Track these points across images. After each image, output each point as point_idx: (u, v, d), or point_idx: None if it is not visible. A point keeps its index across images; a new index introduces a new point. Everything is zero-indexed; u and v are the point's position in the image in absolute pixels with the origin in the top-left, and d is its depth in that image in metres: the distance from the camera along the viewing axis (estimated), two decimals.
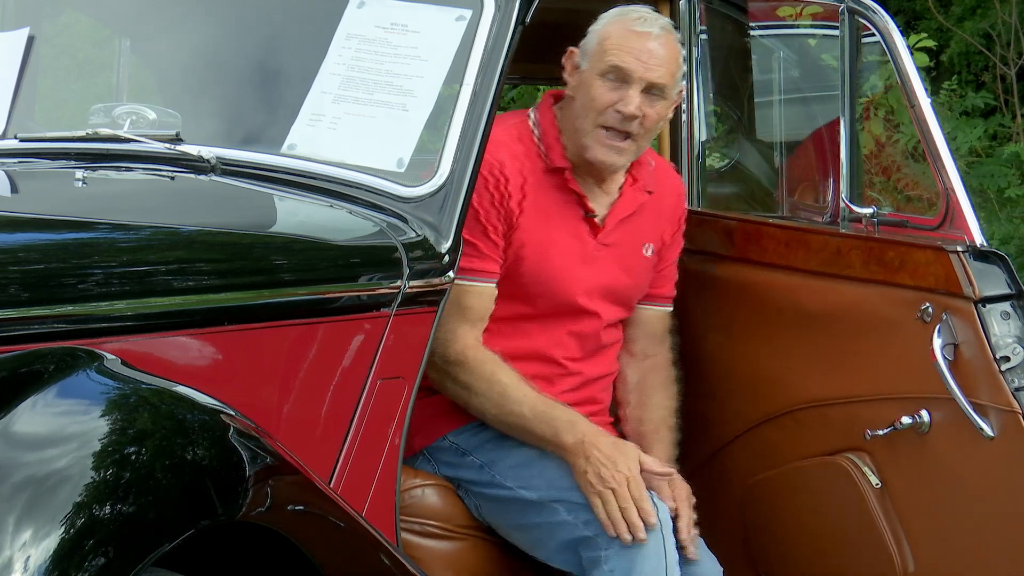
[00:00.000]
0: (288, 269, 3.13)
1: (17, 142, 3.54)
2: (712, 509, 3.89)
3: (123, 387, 2.40)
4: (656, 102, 3.56)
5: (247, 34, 3.73)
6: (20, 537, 2.13)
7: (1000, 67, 9.85)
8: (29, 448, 2.22)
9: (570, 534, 3.42)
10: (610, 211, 3.70)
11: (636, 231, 3.74)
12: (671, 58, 3.57)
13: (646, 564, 3.32)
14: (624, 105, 3.52)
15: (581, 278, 3.65)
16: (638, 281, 3.78)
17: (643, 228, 3.75)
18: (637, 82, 3.53)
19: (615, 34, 3.57)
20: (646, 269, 3.78)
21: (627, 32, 3.56)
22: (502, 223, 3.55)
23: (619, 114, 3.53)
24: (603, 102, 3.54)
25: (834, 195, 3.92)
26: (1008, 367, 3.34)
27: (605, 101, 3.54)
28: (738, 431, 3.92)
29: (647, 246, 3.77)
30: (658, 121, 3.61)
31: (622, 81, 3.54)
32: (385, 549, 2.80)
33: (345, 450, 3.13)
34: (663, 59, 3.55)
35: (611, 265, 3.69)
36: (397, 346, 3.20)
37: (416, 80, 3.43)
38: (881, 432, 3.56)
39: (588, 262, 3.67)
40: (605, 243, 3.69)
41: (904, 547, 3.59)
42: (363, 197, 3.35)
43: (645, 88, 3.54)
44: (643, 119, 3.55)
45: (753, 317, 3.87)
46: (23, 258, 2.73)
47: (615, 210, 3.70)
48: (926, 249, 3.49)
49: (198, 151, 3.37)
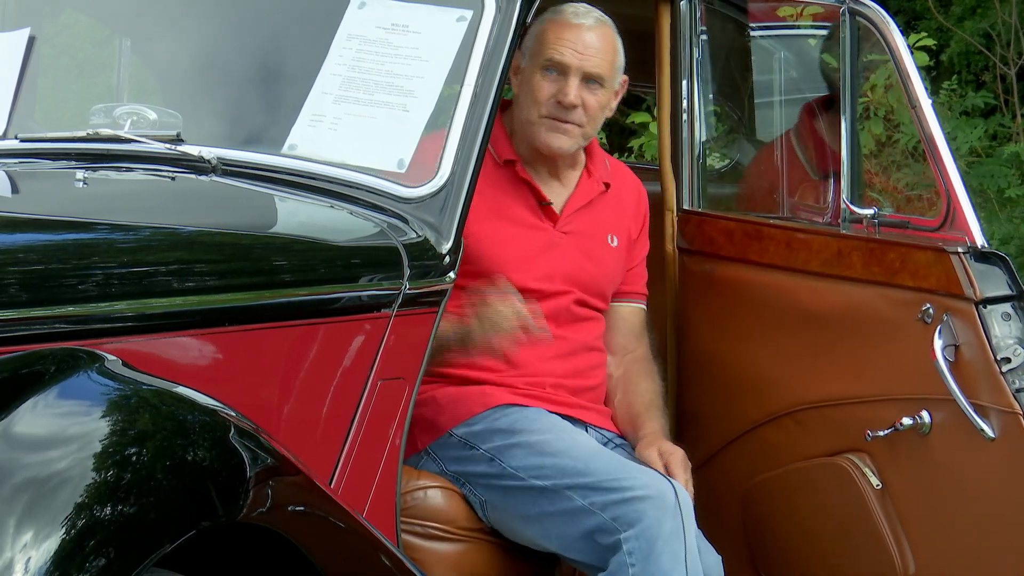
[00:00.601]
0: (289, 270, 3.13)
1: (18, 142, 3.54)
2: (713, 509, 3.89)
3: (124, 388, 2.39)
4: (596, 90, 3.69)
5: (248, 34, 3.73)
6: (21, 538, 2.13)
7: (1000, 67, 9.85)
8: (30, 449, 2.22)
9: (586, 521, 3.42)
10: (568, 200, 3.79)
11: (597, 220, 3.81)
12: (606, 48, 3.71)
13: (667, 546, 3.32)
14: (563, 95, 3.66)
15: (541, 265, 3.69)
16: (605, 270, 3.81)
17: (605, 219, 3.82)
18: (574, 72, 3.67)
19: (551, 29, 3.71)
20: (614, 259, 3.83)
21: (562, 26, 3.70)
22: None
23: (559, 104, 3.67)
24: (544, 94, 3.68)
25: (834, 196, 3.92)
26: (1009, 368, 3.34)
27: (546, 93, 3.68)
28: (739, 432, 3.92)
29: (611, 236, 3.83)
30: (601, 110, 3.73)
31: (561, 73, 3.68)
32: (386, 550, 2.80)
33: (346, 451, 3.12)
34: (598, 49, 3.69)
35: (574, 252, 3.75)
36: (398, 347, 3.20)
37: (417, 81, 3.44)
38: (882, 433, 3.56)
39: (549, 249, 3.71)
40: (566, 231, 3.76)
41: (905, 548, 3.59)
42: (364, 198, 3.35)
43: (583, 78, 3.67)
44: (585, 107, 3.68)
45: (754, 318, 3.87)
46: (24, 258, 2.73)
47: (572, 199, 3.79)
48: (927, 250, 3.49)
49: (199, 151, 3.37)
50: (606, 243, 3.82)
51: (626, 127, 8.94)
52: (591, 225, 3.80)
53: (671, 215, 4.07)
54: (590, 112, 3.69)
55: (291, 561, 2.55)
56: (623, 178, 3.93)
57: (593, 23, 3.71)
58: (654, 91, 4.29)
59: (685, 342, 4.01)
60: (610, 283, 3.84)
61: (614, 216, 3.85)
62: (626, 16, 4.22)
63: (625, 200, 3.89)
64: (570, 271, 3.74)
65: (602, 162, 3.87)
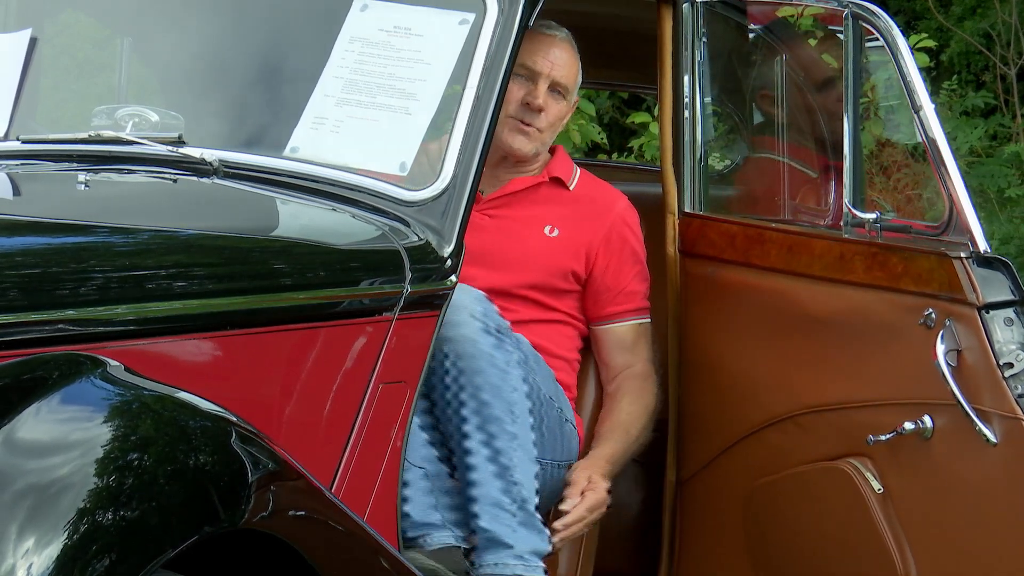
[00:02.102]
0: (290, 273, 3.13)
1: (19, 144, 3.53)
2: (714, 513, 3.89)
3: (126, 394, 2.39)
4: (559, 100, 3.89)
5: (250, 36, 3.72)
6: (23, 544, 2.13)
7: (1000, 67, 9.85)
8: (32, 455, 2.22)
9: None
10: (501, 187, 3.91)
11: (532, 209, 3.90)
12: (572, 63, 3.92)
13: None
14: (532, 97, 3.84)
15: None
16: (535, 255, 3.85)
17: (545, 211, 3.91)
18: (544, 79, 3.86)
19: (525, 38, 3.77)
20: (549, 248, 3.87)
21: (535, 35, 3.84)
22: None
23: (527, 106, 3.84)
24: (514, 97, 3.82)
25: (836, 199, 3.92)
26: (1011, 373, 3.34)
27: (516, 96, 3.83)
28: (740, 435, 3.91)
29: (550, 227, 3.90)
30: (559, 119, 3.93)
31: (530, 79, 3.85)
32: (387, 554, 2.80)
33: (347, 455, 3.12)
34: (565, 62, 3.90)
35: (496, 234, 3.83)
36: (399, 350, 3.20)
37: (419, 83, 3.44)
38: (884, 437, 3.55)
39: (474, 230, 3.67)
40: (490, 214, 3.86)
41: (906, 553, 3.58)
42: (365, 201, 3.35)
43: (550, 85, 3.87)
44: (547, 112, 3.86)
45: (755, 321, 3.87)
46: (25, 261, 2.73)
47: (504, 187, 3.91)
48: (929, 255, 3.48)
49: (200, 154, 3.37)
50: (541, 232, 3.89)
51: (626, 127, 8.93)
52: (523, 211, 3.90)
53: (672, 218, 4.06)
54: (551, 119, 3.88)
55: (293, 565, 2.54)
56: (601, 191, 4.00)
57: (564, 37, 3.92)
58: (654, 92, 4.29)
59: (686, 345, 4.00)
60: (544, 271, 3.87)
61: (563, 215, 3.92)
62: (628, 18, 4.23)
63: (593, 208, 3.95)
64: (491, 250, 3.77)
65: (568, 166, 3.99)
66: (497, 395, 3.44)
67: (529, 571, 3.43)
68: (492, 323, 3.45)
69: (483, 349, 3.42)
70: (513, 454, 3.44)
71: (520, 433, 3.46)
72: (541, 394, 3.63)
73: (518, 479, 3.44)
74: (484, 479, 3.42)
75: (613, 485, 3.82)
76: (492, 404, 3.43)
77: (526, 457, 3.47)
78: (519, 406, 3.47)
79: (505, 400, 3.44)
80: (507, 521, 3.42)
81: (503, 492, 3.43)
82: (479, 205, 3.79)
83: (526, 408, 3.49)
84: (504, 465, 3.43)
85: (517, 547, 3.42)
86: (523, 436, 3.47)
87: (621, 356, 3.94)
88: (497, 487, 3.43)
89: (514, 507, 3.43)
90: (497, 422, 3.43)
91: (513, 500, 3.43)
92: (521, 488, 3.45)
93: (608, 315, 3.94)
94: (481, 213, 3.80)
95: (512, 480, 3.44)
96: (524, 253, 3.86)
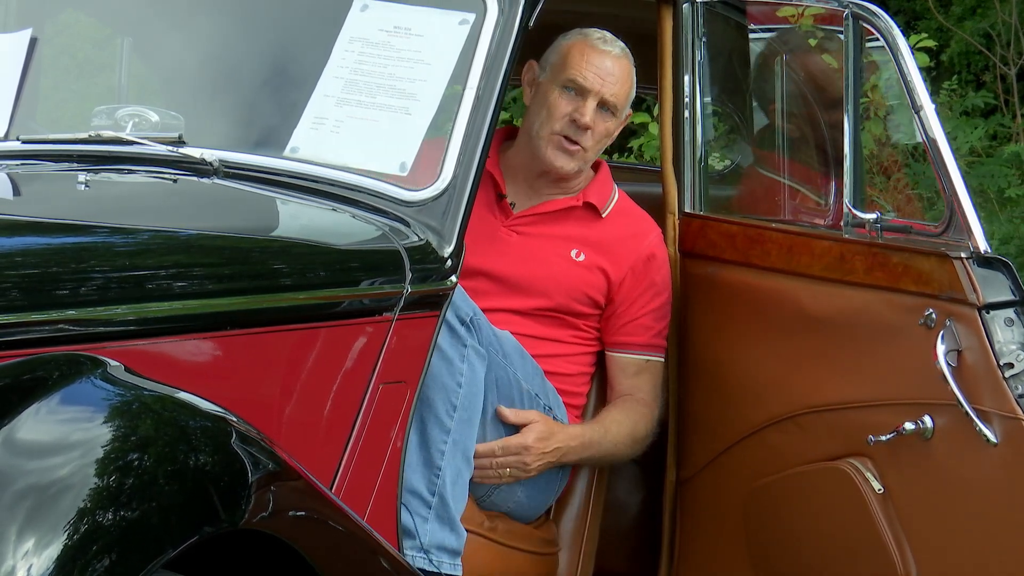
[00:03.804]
0: (290, 273, 3.13)
1: (20, 144, 3.53)
2: (714, 513, 3.89)
3: (126, 394, 2.39)
4: (608, 118, 3.83)
5: (250, 36, 3.72)
6: (23, 545, 2.13)
7: (1000, 67, 9.84)
8: (33, 455, 2.22)
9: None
10: (533, 206, 3.85)
11: (560, 230, 3.85)
12: (625, 79, 3.84)
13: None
14: (579, 115, 3.77)
15: (479, 252, 3.62)
16: (559, 279, 3.81)
17: (574, 234, 3.86)
18: (593, 96, 3.79)
19: (577, 50, 3.81)
20: (573, 273, 3.84)
21: (589, 49, 3.81)
22: None
23: (574, 123, 3.78)
24: (560, 112, 3.78)
25: (836, 200, 3.91)
26: (1012, 373, 3.34)
27: (562, 111, 3.78)
28: (740, 435, 3.91)
29: (577, 251, 3.85)
30: (605, 137, 3.85)
31: (579, 94, 3.78)
32: (387, 554, 2.80)
33: (347, 455, 3.13)
34: (618, 78, 3.82)
35: (521, 252, 3.79)
36: (399, 350, 3.20)
37: (419, 84, 3.44)
38: (884, 437, 3.55)
39: (493, 241, 3.72)
40: (518, 230, 3.81)
41: (906, 553, 3.58)
42: (366, 201, 3.35)
43: (599, 103, 3.79)
44: (593, 131, 3.79)
45: (756, 321, 3.86)
46: (25, 262, 2.73)
47: (536, 207, 3.85)
48: (930, 255, 3.48)
49: (201, 154, 3.37)
50: (568, 255, 3.85)
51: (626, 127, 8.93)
52: (552, 233, 3.84)
53: (672, 218, 4.06)
54: (596, 136, 3.81)
55: (293, 565, 2.55)
56: (630, 223, 3.94)
57: (619, 53, 3.84)
58: (654, 92, 4.29)
59: (686, 345, 4.00)
60: (565, 294, 3.83)
61: (590, 240, 3.87)
62: (628, 18, 4.22)
63: (622, 236, 3.90)
64: (508, 271, 3.76)
65: (602, 192, 3.92)
66: (439, 387, 3.37)
67: (432, 567, 3.36)
68: (454, 313, 3.37)
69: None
70: (442, 447, 3.38)
71: (456, 428, 3.40)
72: (523, 389, 3.62)
73: (442, 472, 3.38)
74: (409, 467, 3.33)
75: (613, 485, 3.82)
76: (429, 395, 3.35)
77: (457, 453, 3.41)
78: (463, 401, 3.41)
79: (446, 392, 3.38)
80: (421, 512, 3.36)
81: (424, 483, 3.37)
82: (508, 219, 3.79)
83: (473, 404, 3.44)
84: (431, 456, 3.38)
85: (424, 540, 3.35)
86: (459, 432, 3.41)
87: (627, 382, 3.92)
88: (420, 477, 3.36)
89: (432, 499, 3.37)
90: (432, 413, 3.37)
91: (433, 492, 3.37)
92: (444, 482, 3.38)
93: (619, 344, 3.92)
94: (509, 228, 3.80)
95: (436, 472, 3.38)
96: (548, 275, 3.83)
